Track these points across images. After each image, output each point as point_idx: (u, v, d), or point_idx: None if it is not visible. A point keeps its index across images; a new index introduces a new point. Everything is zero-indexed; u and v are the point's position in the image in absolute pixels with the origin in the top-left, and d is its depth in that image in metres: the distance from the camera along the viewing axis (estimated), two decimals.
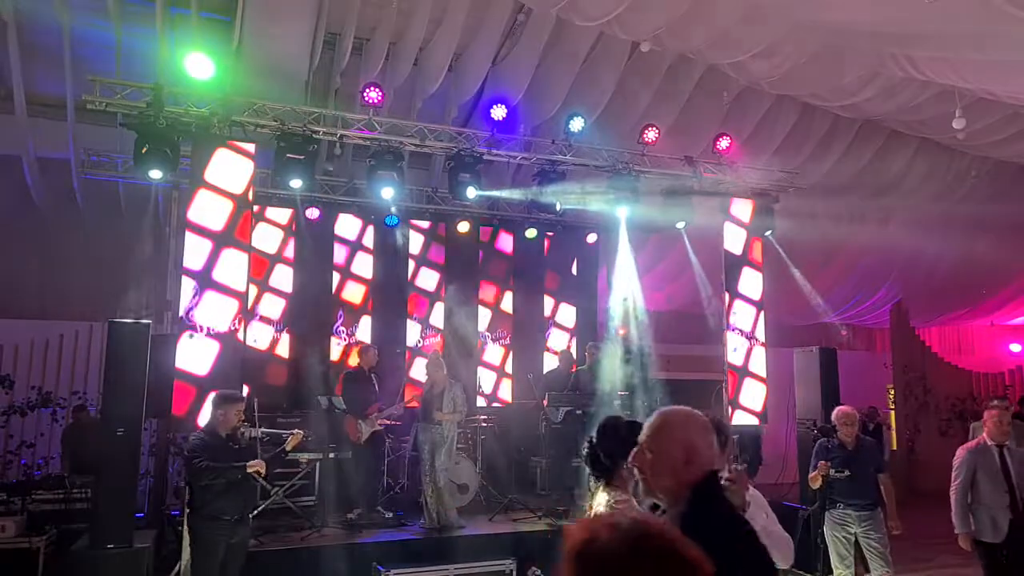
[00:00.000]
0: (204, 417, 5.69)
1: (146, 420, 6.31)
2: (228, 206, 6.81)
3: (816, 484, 5.61)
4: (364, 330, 9.79)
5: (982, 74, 6.99)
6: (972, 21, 6.10)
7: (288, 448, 5.21)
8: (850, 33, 7.26)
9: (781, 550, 2.53)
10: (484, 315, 10.48)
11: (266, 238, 9.32)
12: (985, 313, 15.26)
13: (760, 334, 8.60)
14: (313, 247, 9.56)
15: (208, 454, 4.67)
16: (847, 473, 5.49)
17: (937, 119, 8.66)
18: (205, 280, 6.66)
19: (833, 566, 5.72)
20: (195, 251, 6.68)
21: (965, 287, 13.44)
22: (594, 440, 2.75)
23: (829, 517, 5.71)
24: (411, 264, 10.20)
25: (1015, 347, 16.84)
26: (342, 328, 9.71)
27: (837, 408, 5.81)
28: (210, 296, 6.64)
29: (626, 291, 10.04)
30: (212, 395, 4.96)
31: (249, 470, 4.88)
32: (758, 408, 8.47)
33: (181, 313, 6.55)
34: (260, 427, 5.18)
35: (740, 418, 8.33)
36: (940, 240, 12.08)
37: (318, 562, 6.51)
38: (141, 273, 8.30)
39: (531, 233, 10.50)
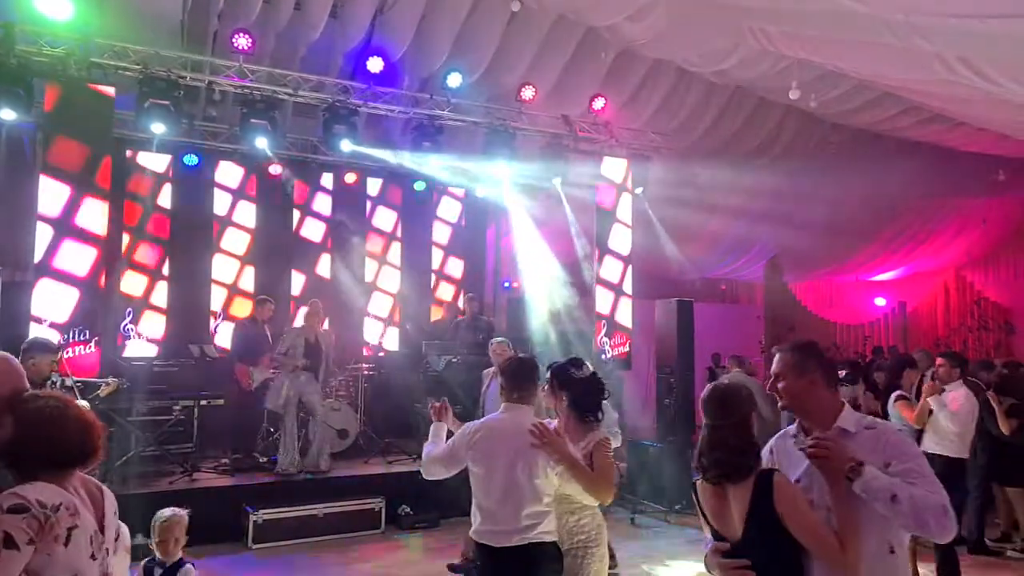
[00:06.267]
0: None
1: None
2: (87, 151, 6.67)
3: None
4: (247, 280, 9.78)
5: (827, 51, 7.54)
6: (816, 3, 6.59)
7: (102, 395, 5.25)
8: (710, 3, 7.64)
9: None
10: (371, 266, 10.64)
11: (140, 185, 9.12)
12: (851, 269, 16.50)
13: (628, 287, 9.13)
14: (192, 194, 9.43)
15: None
16: None
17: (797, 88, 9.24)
18: (63, 226, 6.56)
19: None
20: (52, 197, 6.54)
21: (832, 245, 14.49)
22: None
23: None
24: (296, 214, 10.20)
25: (880, 301, 18.29)
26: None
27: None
28: (68, 243, 6.55)
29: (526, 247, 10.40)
30: (27, 341, 4.85)
31: None
32: (623, 356, 9.06)
33: (37, 259, 6.44)
34: (71, 376, 5.20)
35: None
36: (808, 201, 12.95)
37: (183, 505, 6.66)
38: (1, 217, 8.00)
39: (419, 186, 10.65)
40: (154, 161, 9.20)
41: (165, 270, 9.19)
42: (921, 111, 9.99)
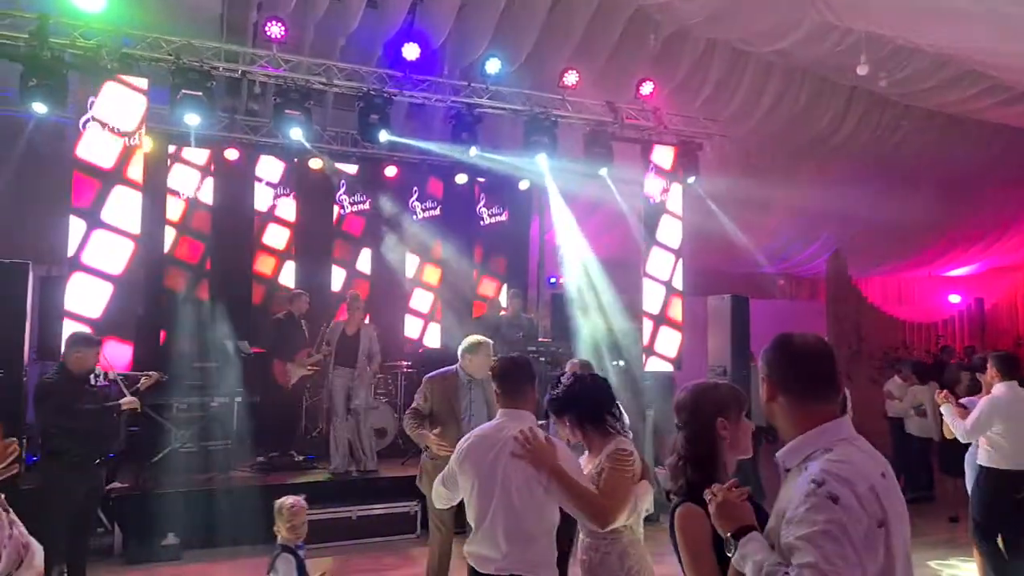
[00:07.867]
0: None
1: (37, 363, 6.22)
2: (118, 144, 6.58)
3: None
4: (288, 275, 9.66)
5: (895, 21, 6.90)
6: None
7: (142, 388, 5.16)
8: None
9: None
10: (412, 261, 10.39)
11: (183, 179, 9.08)
12: (922, 264, 15.49)
13: (678, 282, 8.63)
14: (233, 189, 9.35)
15: (66, 395, 4.57)
16: None
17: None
18: (97, 221, 6.49)
19: None
20: (84, 190, 6.48)
21: (901, 237, 13.59)
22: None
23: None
24: (336, 208, 10.03)
25: (954, 298, 17.16)
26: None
27: None
28: (101, 236, 6.48)
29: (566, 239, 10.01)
30: (70, 335, 4.82)
31: (124, 408, 4.85)
32: (672, 355, 8.56)
33: (70, 253, 6.39)
34: (113, 369, 5.13)
35: (654, 364, 8.42)
36: (875, 190, 12.13)
37: (218, 504, 6.55)
38: (39, 212, 8.04)
39: (461, 179, 10.36)
40: (195, 156, 9.14)
41: (207, 266, 9.12)
42: (1004, 90, 9.16)
